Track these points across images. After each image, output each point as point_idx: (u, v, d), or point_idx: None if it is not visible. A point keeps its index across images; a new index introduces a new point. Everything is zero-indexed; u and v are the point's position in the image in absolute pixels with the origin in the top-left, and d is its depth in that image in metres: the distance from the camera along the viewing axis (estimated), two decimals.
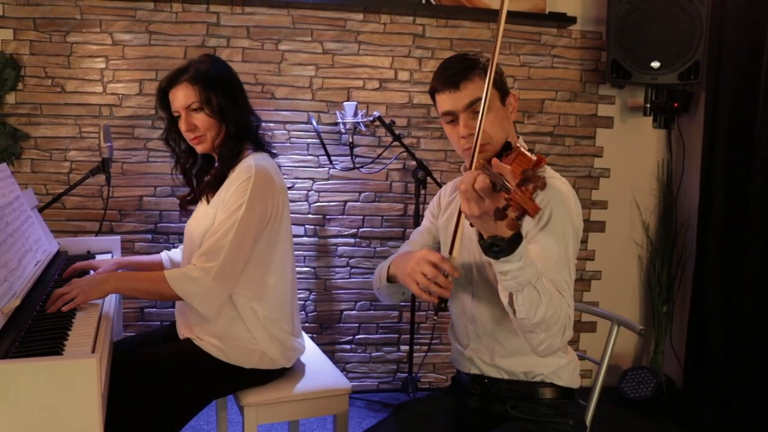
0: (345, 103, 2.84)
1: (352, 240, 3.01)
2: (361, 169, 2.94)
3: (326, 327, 3.04)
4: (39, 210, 2.14)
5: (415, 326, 2.95)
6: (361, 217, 3.00)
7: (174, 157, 1.85)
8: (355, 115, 2.85)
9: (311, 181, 2.94)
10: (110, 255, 2.18)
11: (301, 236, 2.95)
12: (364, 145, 2.95)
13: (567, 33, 3.05)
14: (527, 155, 1.17)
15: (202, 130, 1.70)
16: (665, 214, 3.15)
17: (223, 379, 1.69)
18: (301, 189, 2.94)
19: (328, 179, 2.95)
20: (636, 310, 3.27)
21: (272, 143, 1.84)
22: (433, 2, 2.86)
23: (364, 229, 3.01)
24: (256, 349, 1.69)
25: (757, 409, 2.62)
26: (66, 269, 1.86)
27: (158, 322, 2.87)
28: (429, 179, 2.80)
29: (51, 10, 2.66)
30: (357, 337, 3.06)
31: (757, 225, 2.62)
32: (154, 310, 2.88)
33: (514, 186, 1.03)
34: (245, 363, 1.69)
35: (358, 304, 3.05)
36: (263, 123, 1.84)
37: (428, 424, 1.48)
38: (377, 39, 2.91)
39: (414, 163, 2.81)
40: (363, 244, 3.02)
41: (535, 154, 1.15)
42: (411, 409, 1.57)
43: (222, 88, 1.70)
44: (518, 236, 1.16)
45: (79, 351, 1.29)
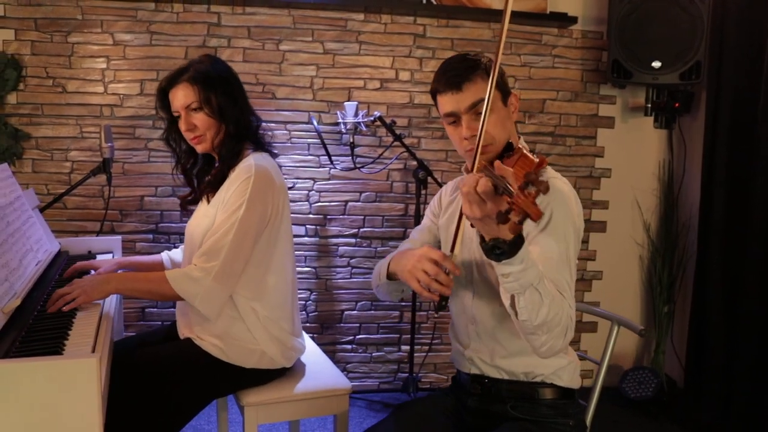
0: (346, 103, 2.84)
1: (352, 240, 3.01)
2: (362, 169, 2.94)
3: (327, 327, 3.04)
4: (40, 210, 2.14)
5: (416, 326, 2.95)
6: (362, 217, 3.00)
7: (174, 158, 1.85)
8: (356, 115, 2.85)
9: (312, 181, 2.94)
10: (111, 255, 2.19)
11: (302, 236, 2.95)
12: (364, 145, 2.95)
13: (568, 33, 3.05)
14: (529, 157, 1.16)
15: (202, 130, 1.70)
16: (666, 214, 3.15)
17: (224, 379, 1.70)
18: (301, 189, 2.94)
19: (328, 179, 2.95)
20: (637, 310, 3.27)
21: (273, 143, 1.84)
22: (434, 2, 2.86)
23: (364, 229, 3.01)
24: (256, 349, 1.70)
25: (758, 409, 2.62)
26: (67, 269, 1.87)
27: (159, 322, 2.87)
28: (430, 179, 2.81)
29: (52, 10, 2.67)
30: (358, 337, 3.07)
31: (759, 225, 2.62)
32: (155, 310, 2.88)
33: (516, 189, 1.03)
34: (245, 363, 1.69)
35: (359, 304, 3.05)
36: (264, 123, 1.85)
37: (428, 424, 1.48)
38: (378, 39, 2.92)
39: (415, 163, 2.81)
40: (364, 244, 3.02)
41: (536, 156, 1.15)
42: (411, 409, 1.57)
43: (221, 88, 1.70)
44: (520, 239, 1.15)
45: (79, 351, 1.29)
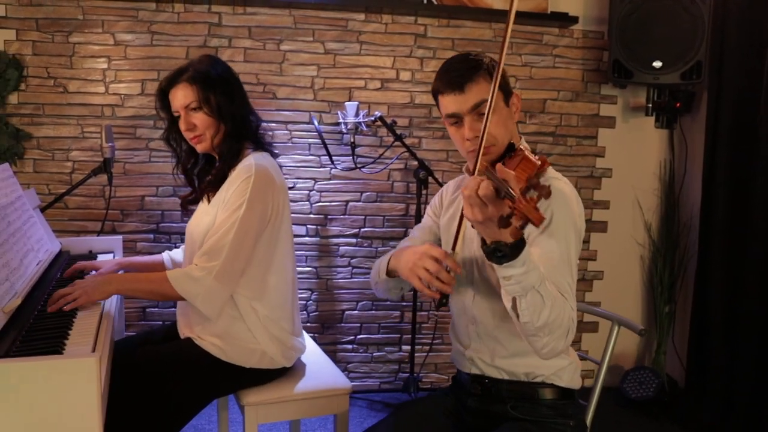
0: (347, 103, 2.85)
1: (353, 240, 3.01)
2: (363, 169, 2.94)
3: (328, 327, 3.04)
4: (41, 210, 2.14)
5: (416, 326, 2.95)
6: (363, 217, 3.00)
7: (175, 157, 1.86)
8: (357, 115, 2.85)
9: (313, 181, 2.94)
10: (112, 255, 2.19)
11: (303, 236, 2.96)
12: (365, 145, 2.95)
13: (569, 33, 3.05)
14: (531, 160, 1.15)
15: (201, 129, 1.71)
16: (667, 214, 3.15)
17: (224, 378, 1.70)
18: (302, 189, 2.94)
19: (329, 179, 2.96)
20: (638, 310, 3.26)
21: (273, 143, 1.85)
22: (435, 2, 2.86)
23: (365, 229, 3.01)
24: (256, 349, 1.70)
25: (759, 410, 2.61)
26: (68, 269, 1.87)
27: (160, 322, 2.87)
28: (431, 179, 2.80)
29: (53, 10, 2.67)
30: (359, 337, 3.07)
31: (760, 225, 2.61)
32: (156, 309, 2.89)
33: (518, 194, 1.03)
34: (245, 362, 1.69)
35: (360, 304, 3.05)
36: (265, 123, 1.85)
37: (428, 423, 1.48)
38: (379, 39, 2.92)
39: (416, 163, 2.81)
40: (364, 244, 3.02)
41: (538, 157, 1.15)
42: (411, 409, 1.57)
43: (221, 88, 1.70)
44: (521, 242, 1.15)
45: (79, 350, 1.29)
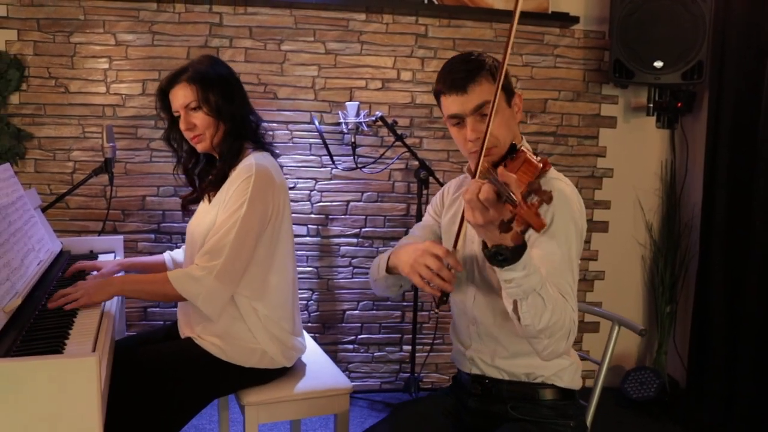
0: (347, 103, 2.85)
1: (354, 240, 3.01)
2: (364, 169, 2.94)
3: (329, 327, 3.04)
4: (42, 210, 2.14)
5: (417, 326, 2.95)
6: (364, 217, 3.00)
7: (176, 157, 1.86)
8: (358, 115, 2.85)
9: (314, 181, 2.95)
10: (113, 255, 2.19)
11: (304, 236, 2.96)
12: (366, 145, 2.95)
13: (570, 33, 3.05)
14: (533, 162, 1.15)
15: (201, 129, 1.71)
16: (668, 215, 3.14)
17: (224, 378, 1.70)
18: (303, 189, 2.94)
19: (330, 179, 2.96)
20: (639, 311, 3.26)
21: (274, 143, 1.85)
22: (436, 2, 2.86)
23: (366, 229, 3.01)
24: (256, 348, 1.70)
25: (760, 410, 2.61)
26: (69, 269, 1.87)
27: (161, 322, 2.88)
28: (431, 179, 2.80)
29: (55, 10, 2.67)
30: (359, 337, 3.07)
31: (760, 225, 2.61)
32: (157, 309, 2.89)
33: (519, 198, 1.02)
34: (245, 362, 1.69)
35: (361, 304, 3.05)
36: (265, 123, 1.85)
37: (428, 423, 1.48)
38: (380, 39, 2.92)
39: (416, 163, 2.81)
40: (365, 244, 3.02)
41: (539, 159, 1.15)
42: (411, 409, 1.57)
43: (220, 88, 1.71)
44: (522, 245, 1.15)
45: (79, 350, 1.30)
